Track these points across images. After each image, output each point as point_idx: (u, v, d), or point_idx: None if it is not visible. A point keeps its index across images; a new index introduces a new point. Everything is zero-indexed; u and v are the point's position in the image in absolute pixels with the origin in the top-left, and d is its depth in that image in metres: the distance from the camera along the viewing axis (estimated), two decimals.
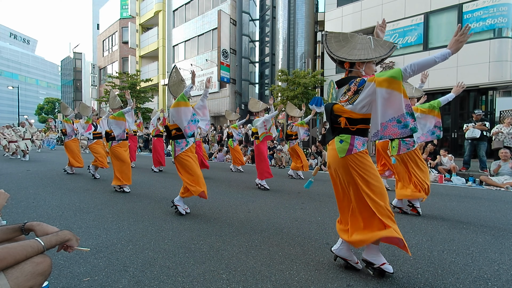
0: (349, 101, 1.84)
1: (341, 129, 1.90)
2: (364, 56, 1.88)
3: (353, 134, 1.88)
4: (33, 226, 1.29)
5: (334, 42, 1.99)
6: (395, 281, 1.86)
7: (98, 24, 32.97)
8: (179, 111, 3.23)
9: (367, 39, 1.95)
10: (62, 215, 3.31)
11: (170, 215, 3.35)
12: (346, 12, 13.53)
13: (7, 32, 79.89)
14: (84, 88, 36.11)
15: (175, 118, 3.27)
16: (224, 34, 17.28)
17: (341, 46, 1.97)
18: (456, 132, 10.47)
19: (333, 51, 1.97)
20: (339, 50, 1.96)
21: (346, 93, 1.88)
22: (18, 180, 5.70)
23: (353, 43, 1.96)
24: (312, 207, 3.83)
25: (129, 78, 19.91)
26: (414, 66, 1.70)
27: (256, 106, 5.89)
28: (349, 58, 1.90)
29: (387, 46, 1.89)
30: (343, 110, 1.88)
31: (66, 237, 1.26)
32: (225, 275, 1.92)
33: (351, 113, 1.85)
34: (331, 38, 2.01)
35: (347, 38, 1.99)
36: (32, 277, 1.11)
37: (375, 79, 1.71)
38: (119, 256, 2.19)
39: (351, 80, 1.87)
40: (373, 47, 1.90)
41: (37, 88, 76.34)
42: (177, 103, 3.25)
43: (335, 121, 1.94)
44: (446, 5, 10.50)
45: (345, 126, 1.88)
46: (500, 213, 3.58)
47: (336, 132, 1.94)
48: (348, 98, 1.85)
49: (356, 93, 1.80)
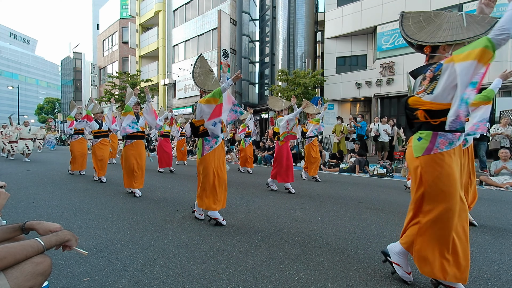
0: (426, 91, 1.59)
1: (420, 125, 1.66)
2: (452, 38, 1.57)
3: (435, 130, 1.60)
4: (34, 225, 1.29)
5: (412, 23, 1.73)
6: (395, 281, 1.86)
7: (98, 24, 32.97)
8: (212, 108, 2.87)
9: (458, 16, 1.66)
10: (62, 215, 3.31)
11: (170, 215, 3.35)
12: (346, 12, 13.53)
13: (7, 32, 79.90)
14: (84, 88, 36.11)
15: (208, 114, 2.90)
16: (224, 34, 17.28)
17: (421, 27, 1.70)
18: None
19: (410, 34, 1.71)
20: (417, 33, 1.69)
21: (422, 82, 1.64)
22: (18, 180, 5.70)
23: (437, 22, 1.67)
24: (312, 207, 3.82)
25: (129, 78, 19.91)
26: (502, 26, 1.29)
27: (278, 104, 5.42)
28: (431, 41, 1.62)
29: (487, 22, 1.55)
30: (421, 101, 1.63)
31: (66, 237, 1.26)
32: (225, 275, 1.92)
33: (430, 104, 1.58)
34: (408, 19, 1.75)
35: (430, 17, 1.72)
36: (32, 277, 1.11)
37: (453, 58, 1.45)
38: (119, 256, 2.19)
39: (426, 67, 1.64)
40: (466, 25, 1.60)
41: (37, 88, 76.38)
42: (210, 99, 2.84)
43: (411, 116, 1.71)
44: (446, 5, 10.50)
45: (425, 120, 1.61)
46: (500, 213, 3.58)
47: (415, 128, 1.71)
48: (424, 88, 1.61)
49: (433, 80, 1.56)
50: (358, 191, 5.08)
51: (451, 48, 1.61)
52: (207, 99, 2.86)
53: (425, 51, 1.70)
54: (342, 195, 4.68)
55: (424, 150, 1.60)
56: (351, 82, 13.37)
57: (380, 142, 9.32)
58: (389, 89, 12.17)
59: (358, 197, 4.50)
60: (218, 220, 2.96)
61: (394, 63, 11.87)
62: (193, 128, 3.11)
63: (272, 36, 17.40)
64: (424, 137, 1.61)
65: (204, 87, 3.15)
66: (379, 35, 12.43)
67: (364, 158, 7.84)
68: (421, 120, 1.64)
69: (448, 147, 1.58)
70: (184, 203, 3.98)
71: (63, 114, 41.86)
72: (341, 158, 8.78)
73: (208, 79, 3.24)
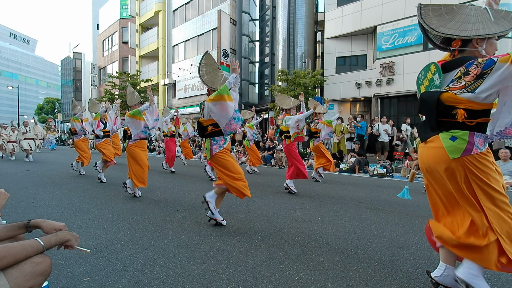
0: (467, 88, 1.44)
1: (452, 124, 1.51)
2: (484, 31, 1.47)
3: (472, 130, 1.47)
4: (39, 223, 1.31)
5: (433, 16, 1.62)
6: (395, 281, 1.86)
7: (98, 24, 32.96)
8: (222, 106, 2.72)
9: (482, 10, 1.56)
10: (62, 215, 3.31)
11: (170, 215, 3.35)
12: (346, 12, 13.53)
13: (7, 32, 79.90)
14: (84, 88, 36.10)
15: (215, 113, 2.78)
16: (224, 34, 17.28)
17: (445, 20, 1.60)
18: None
19: (435, 27, 1.57)
20: (444, 26, 1.56)
21: (462, 78, 1.47)
22: (18, 180, 5.70)
23: (463, 15, 1.57)
24: (312, 207, 3.83)
25: (129, 78, 19.91)
26: None
27: (286, 102, 5.20)
28: (462, 34, 1.50)
29: (511, 18, 1.48)
30: (458, 99, 1.47)
31: (65, 237, 1.27)
32: (225, 275, 1.92)
33: (470, 103, 1.44)
34: (428, 12, 1.63)
35: (453, 10, 1.62)
36: (32, 277, 1.11)
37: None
38: (119, 256, 2.19)
39: (467, 61, 1.46)
40: (493, 20, 1.50)
41: (37, 88, 76.38)
42: (219, 96, 2.70)
43: (444, 114, 1.53)
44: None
45: (462, 120, 1.47)
46: None
47: (444, 127, 1.54)
48: (465, 84, 1.45)
49: (479, 78, 1.39)
50: (358, 191, 5.08)
51: (484, 42, 1.51)
52: (214, 97, 2.73)
53: (454, 45, 1.57)
54: (342, 195, 4.68)
55: (463, 151, 1.46)
56: (351, 82, 13.37)
57: (380, 142, 9.32)
58: (389, 89, 12.18)
59: (358, 197, 4.50)
60: (218, 220, 2.95)
61: (394, 63, 11.87)
62: (201, 128, 2.98)
63: (272, 36, 17.40)
64: (460, 137, 1.48)
65: (212, 85, 3.01)
66: (379, 35, 12.43)
67: (364, 158, 7.84)
68: (459, 119, 1.48)
69: (485, 146, 1.49)
70: (184, 203, 3.98)
71: (63, 114, 41.88)
72: (341, 158, 8.79)
73: (216, 77, 3.08)
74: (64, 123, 40.77)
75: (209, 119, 2.90)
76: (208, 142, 2.97)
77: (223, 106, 2.73)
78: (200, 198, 4.25)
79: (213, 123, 2.90)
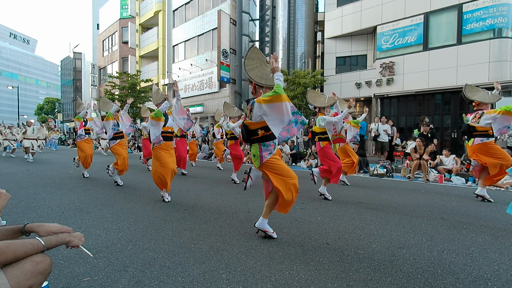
0: None
1: None
2: None
3: None
4: (34, 228, 1.28)
5: None
6: (395, 281, 1.86)
7: (98, 24, 32.95)
8: (280, 108, 2.32)
9: None
10: (62, 215, 3.31)
11: (170, 215, 3.35)
12: (346, 12, 13.53)
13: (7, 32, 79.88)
14: (84, 88, 36.09)
15: (270, 117, 2.38)
16: (224, 34, 17.27)
17: None
18: (456, 132, 10.47)
19: None
20: None
21: None
22: (18, 180, 5.70)
23: None
24: (312, 207, 3.82)
25: (129, 78, 19.91)
26: None
27: (319, 100, 4.66)
28: None
29: None
30: None
31: (66, 239, 1.27)
32: (225, 275, 1.92)
33: None
34: None
35: None
36: (32, 276, 1.12)
37: None
38: (119, 256, 2.19)
39: None
40: None
41: (37, 88, 76.35)
42: (277, 97, 2.30)
43: None
44: (446, 5, 10.50)
45: None
46: (500, 213, 3.58)
47: None
48: None
49: None
50: (358, 191, 5.08)
51: None
52: (271, 97, 2.32)
53: None
54: (342, 195, 4.68)
55: None
56: (351, 82, 13.36)
57: (380, 142, 9.32)
58: (389, 89, 12.17)
59: (358, 197, 4.50)
60: (268, 233, 2.64)
61: (394, 63, 11.86)
62: (247, 132, 2.62)
63: (272, 36, 17.39)
64: None
65: (261, 81, 2.64)
66: (379, 35, 12.43)
67: (364, 158, 7.84)
68: None
69: None
70: (184, 203, 3.98)
71: (63, 114, 41.85)
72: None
73: (264, 71, 2.71)
74: (64, 123, 40.76)
75: (259, 121, 2.52)
76: (255, 148, 2.59)
77: (281, 108, 2.32)
78: (200, 198, 4.27)
79: (263, 127, 2.52)
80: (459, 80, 10.06)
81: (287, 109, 2.34)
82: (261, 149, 2.57)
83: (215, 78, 17.65)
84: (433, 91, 10.75)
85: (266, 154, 2.55)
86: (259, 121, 2.52)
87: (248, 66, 2.69)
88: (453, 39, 10.40)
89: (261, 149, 2.57)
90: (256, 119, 2.52)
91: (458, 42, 10.27)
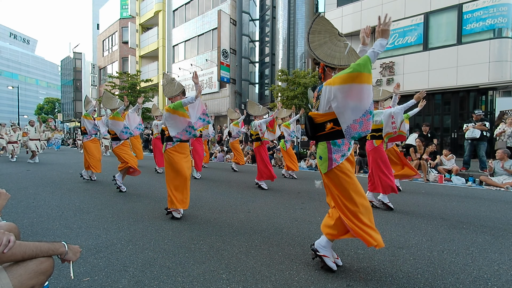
0: None
1: None
2: None
3: None
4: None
5: None
6: (395, 281, 1.86)
7: (98, 24, 32.96)
8: (359, 91, 1.77)
9: None
10: (62, 215, 3.31)
11: (170, 215, 3.34)
12: (346, 12, 13.54)
13: (7, 32, 79.89)
14: (84, 88, 36.09)
15: (341, 103, 1.83)
16: (224, 34, 17.29)
17: None
18: (456, 132, 10.47)
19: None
20: None
21: None
22: (18, 180, 5.70)
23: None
24: (312, 207, 3.82)
25: (129, 78, 19.92)
26: None
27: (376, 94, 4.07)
28: None
29: None
30: None
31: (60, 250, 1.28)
32: (225, 275, 1.92)
33: None
34: None
35: None
36: (35, 275, 1.13)
37: None
38: (119, 256, 2.19)
39: None
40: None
41: (37, 88, 76.36)
42: (355, 75, 1.72)
43: None
44: (446, 5, 10.50)
45: None
46: (500, 213, 3.58)
47: None
48: None
49: None
50: None
51: None
52: (346, 75, 1.75)
53: None
54: None
55: None
56: None
57: None
58: (389, 89, 12.17)
59: None
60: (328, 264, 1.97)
61: (394, 63, 11.86)
62: (312, 126, 2.05)
63: (272, 36, 17.42)
64: None
65: (333, 61, 1.99)
66: None
67: (364, 158, 7.83)
68: None
69: None
70: None
71: (63, 114, 41.85)
72: None
73: (336, 48, 2.06)
74: (64, 123, 40.77)
75: (329, 112, 1.94)
76: (323, 148, 1.99)
77: (359, 92, 1.75)
78: (200, 198, 4.27)
79: (334, 119, 1.93)
80: (459, 80, 10.06)
81: (368, 94, 1.76)
82: (331, 149, 1.96)
83: (215, 78, 17.66)
84: (433, 91, 10.74)
85: (338, 156, 1.94)
86: (327, 112, 1.96)
87: (313, 43, 2.05)
88: (453, 39, 10.40)
89: (331, 149, 1.96)
90: (325, 108, 1.95)
91: (458, 42, 10.27)
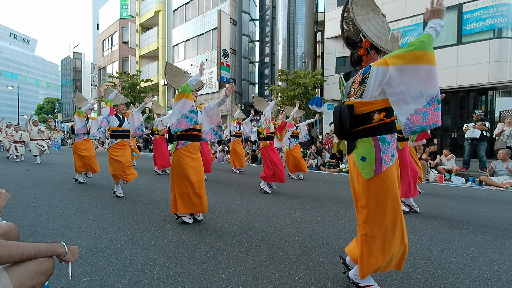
0: None
1: None
2: None
3: None
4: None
5: None
6: (395, 281, 1.86)
7: (98, 24, 32.95)
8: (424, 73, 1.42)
9: None
10: (62, 215, 3.31)
11: (170, 215, 3.34)
12: None
13: (7, 32, 79.86)
14: (84, 88, 36.07)
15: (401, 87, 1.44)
16: (224, 34, 17.28)
17: None
18: (456, 132, 10.47)
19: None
20: None
21: None
22: (18, 180, 5.70)
23: None
24: (312, 207, 3.83)
25: (129, 78, 19.92)
26: None
27: None
28: None
29: None
30: None
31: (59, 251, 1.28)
32: (225, 275, 1.92)
33: None
34: None
35: None
36: (35, 276, 1.13)
37: None
38: (119, 256, 2.19)
39: None
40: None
41: (37, 88, 76.31)
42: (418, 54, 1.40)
43: None
44: (446, 5, 10.38)
45: None
46: (500, 213, 3.58)
47: None
48: None
49: None
50: None
51: None
52: (406, 53, 1.39)
53: None
54: (342, 195, 4.68)
55: None
56: None
57: None
58: None
59: None
60: None
61: None
62: (351, 119, 1.59)
63: (272, 36, 17.40)
64: None
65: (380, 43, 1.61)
66: None
67: None
68: None
69: None
70: None
71: (63, 114, 41.84)
72: (341, 158, 8.79)
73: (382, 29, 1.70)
74: (64, 123, 40.75)
75: (379, 100, 1.53)
76: (367, 146, 1.57)
77: (427, 74, 1.38)
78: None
79: (385, 108, 1.53)
80: (459, 80, 10.06)
81: (437, 77, 1.37)
82: (379, 147, 1.53)
83: (215, 78, 17.66)
84: None
85: (388, 157, 1.52)
86: (376, 99, 1.53)
87: (358, 16, 1.64)
88: (453, 39, 10.40)
89: (379, 147, 1.53)
90: (374, 94, 1.51)
91: (458, 42, 10.27)
